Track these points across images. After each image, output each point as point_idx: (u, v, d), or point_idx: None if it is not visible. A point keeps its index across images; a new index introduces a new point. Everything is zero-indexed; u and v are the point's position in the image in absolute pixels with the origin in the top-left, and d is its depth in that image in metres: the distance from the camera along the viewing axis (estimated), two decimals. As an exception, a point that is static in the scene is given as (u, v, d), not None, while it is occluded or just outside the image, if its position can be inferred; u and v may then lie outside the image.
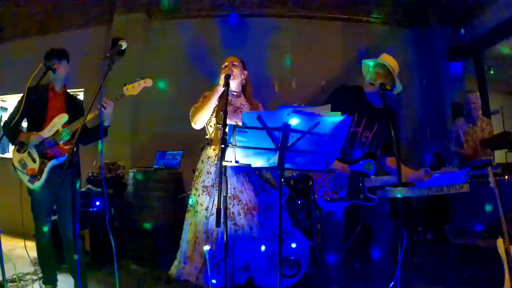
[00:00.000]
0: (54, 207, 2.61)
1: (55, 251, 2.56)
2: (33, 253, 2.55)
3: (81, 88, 5.04)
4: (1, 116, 5.64)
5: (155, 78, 4.68)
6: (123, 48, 2.06)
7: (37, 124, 2.49)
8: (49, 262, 2.55)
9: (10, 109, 5.63)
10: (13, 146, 2.51)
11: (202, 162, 2.40)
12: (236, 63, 2.42)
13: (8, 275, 2.42)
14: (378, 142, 2.29)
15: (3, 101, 5.66)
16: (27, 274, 2.96)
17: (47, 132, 2.46)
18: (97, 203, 3.59)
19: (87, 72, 4.51)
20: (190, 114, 2.40)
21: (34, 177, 2.41)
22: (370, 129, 2.25)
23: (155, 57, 4.94)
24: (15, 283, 2.69)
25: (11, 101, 5.62)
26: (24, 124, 2.66)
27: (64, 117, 2.51)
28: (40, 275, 2.63)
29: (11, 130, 2.47)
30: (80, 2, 5.30)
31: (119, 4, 5.05)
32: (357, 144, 2.25)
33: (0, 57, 5.39)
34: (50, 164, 2.44)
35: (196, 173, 2.42)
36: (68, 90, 2.78)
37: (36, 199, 2.46)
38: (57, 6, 5.33)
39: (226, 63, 2.40)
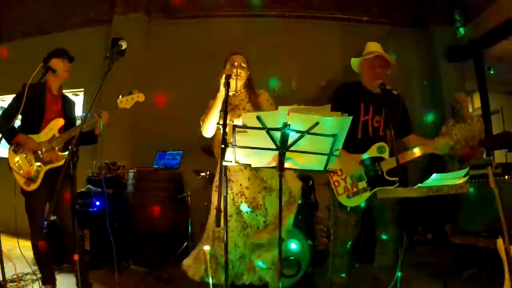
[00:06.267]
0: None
1: (51, 250, 2.57)
2: (30, 253, 2.55)
3: (81, 88, 5.05)
4: (1, 116, 5.64)
5: (155, 78, 4.73)
6: (123, 48, 2.07)
7: (34, 125, 2.48)
8: (46, 262, 2.55)
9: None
10: (9, 146, 2.49)
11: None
12: (244, 65, 2.39)
13: (8, 275, 2.42)
14: (390, 124, 2.28)
15: (3, 101, 5.66)
16: (27, 274, 2.96)
17: (44, 135, 2.47)
18: (97, 203, 3.59)
19: (87, 72, 4.51)
20: (201, 124, 2.38)
21: (30, 179, 2.40)
22: (379, 113, 2.26)
23: (155, 57, 4.94)
24: (15, 283, 2.69)
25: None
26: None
27: (60, 122, 2.52)
28: (40, 275, 2.63)
29: (10, 130, 2.45)
30: (80, 2, 5.30)
31: (119, 4, 5.05)
32: (371, 130, 2.25)
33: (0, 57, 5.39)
34: (45, 169, 2.44)
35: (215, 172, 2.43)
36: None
37: (30, 200, 2.45)
38: (57, 6, 5.34)
39: (235, 63, 2.36)
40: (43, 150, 2.45)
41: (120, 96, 2.46)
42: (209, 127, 2.32)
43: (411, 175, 3.76)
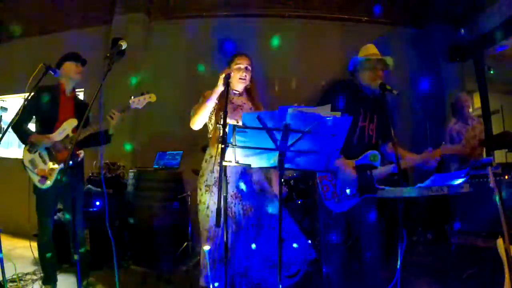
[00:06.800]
0: (60, 207, 2.64)
1: (55, 250, 2.59)
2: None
3: (81, 88, 5.04)
4: (1, 116, 5.64)
5: (155, 78, 4.73)
6: (123, 48, 2.08)
7: (48, 126, 2.57)
8: (49, 262, 2.57)
9: (10, 109, 5.66)
10: (24, 145, 2.59)
11: (206, 162, 2.37)
12: (249, 67, 2.39)
13: (8, 275, 2.42)
14: (379, 132, 2.29)
15: (3, 101, 5.66)
16: (27, 274, 2.96)
17: (57, 136, 2.54)
18: (97, 203, 3.60)
19: (87, 72, 4.50)
20: (191, 115, 2.37)
21: (44, 178, 2.48)
22: (373, 121, 2.27)
23: (155, 57, 4.95)
24: (15, 283, 2.70)
25: (11, 101, 5.62)
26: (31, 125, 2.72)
27: (74, 122, 2.59)
28: (40, 275, 2.64)
29: (23, 130, 2.55)
30: (80, 2, 5.30)
31: (119, 4, 5.05)
32: (366, 138, 2.25)
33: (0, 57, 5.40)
34: (59, 167, 2.50)
35: (200, 173, 2.40)
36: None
37: (42, 199, 2.53)
38: (57, 6, 5.34)
39: (241, 66, 2.36)
40: (56, 148, 2.51)
41: (132, 97, 2.51)
42: (200, 119, 2.30)
43: (411, 175, 3.77)
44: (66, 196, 2.55)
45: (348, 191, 2.14)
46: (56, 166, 2.49)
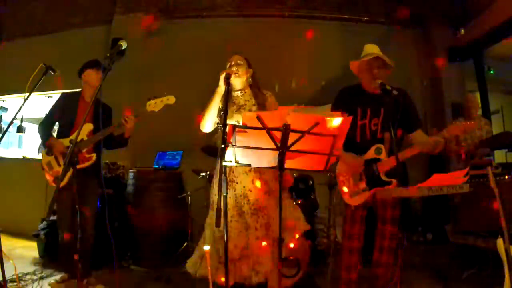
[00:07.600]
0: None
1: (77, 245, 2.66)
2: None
3: (81, 88, 5.05)
4: (1, 116, 5.64)
5: (155, 78, 4.72)
6: (123, 48, 2.08)
7: (66, 130, 2.71)
8: (69, 257, 2.62)
9: (10, 109, 5.66)
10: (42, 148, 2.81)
11: None
12: (240, 62, 2.42)
13: (8, 275, 2.42)
14: (390, 125, 2.30)
15: (3, 101, 5.66)
16: (27, 274, 2.96)
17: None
18: (97, 203, 3.59)
19: (87, 72, 4.50)
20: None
21: (57, 178, 2.57)
22: (377, 116, 2.29)
23: (155, 57, 4.94)
24: (15, 283, 2.70)
25: (11, 101, 5.62)
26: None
27: (89, 127, 2.69)
28: (40, 275, 2.65)
29: (45, 135, 2.74)
30: (80, 2, 5.31)
31: (119, 4, 5.05)
32: (369, 134, 2.30)
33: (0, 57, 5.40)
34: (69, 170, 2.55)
35: (215, 172, 2.42)
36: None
37: (59, 200, 2.59)
38: (57, 6, 5.34)
39: (232, 63, 2.41)
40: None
41: (149, 99, 2.53)
42: (207, 122, 2.34)
43: (411, 175, 3.77)
44: (80, 199, 2.59)
45: (360, 184, 2.22)
46: (69, 168, 2.53)
